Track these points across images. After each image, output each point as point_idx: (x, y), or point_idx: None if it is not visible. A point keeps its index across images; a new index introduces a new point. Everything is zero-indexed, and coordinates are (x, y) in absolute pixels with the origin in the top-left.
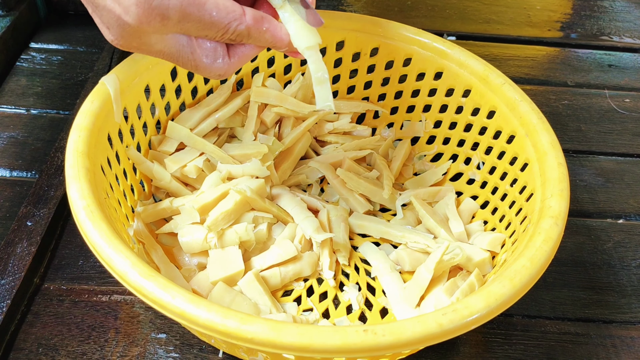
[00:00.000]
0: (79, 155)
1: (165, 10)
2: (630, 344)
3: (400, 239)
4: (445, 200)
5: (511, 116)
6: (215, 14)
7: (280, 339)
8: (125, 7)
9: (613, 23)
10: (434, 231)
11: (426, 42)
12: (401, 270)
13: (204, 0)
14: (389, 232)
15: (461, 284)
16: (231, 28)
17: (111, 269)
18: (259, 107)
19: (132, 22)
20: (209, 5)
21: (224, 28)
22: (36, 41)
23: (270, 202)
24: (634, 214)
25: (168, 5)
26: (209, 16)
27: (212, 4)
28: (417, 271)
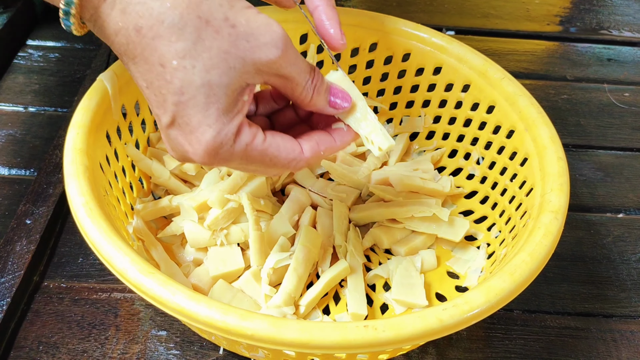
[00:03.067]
0: (77, 152)
1: (229, 156)
2: (630, 338)
3: (406, 213)
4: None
5: (510, 111)
6: (275, 156)
7: (281, 335)
8: (194, 149)
9: (612, 17)
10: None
11: (425, 37)
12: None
13: (267, 145)
14: (391, 212)
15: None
16: (291, 167)
17: (111, 267)
18: None
19: (197, 160)
20: (270, 150)
21: (284, 167)
22: (33, 38)
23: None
24: (634, 208)
25: (232, 153)
26: (270, 159)
27: (274, 148)
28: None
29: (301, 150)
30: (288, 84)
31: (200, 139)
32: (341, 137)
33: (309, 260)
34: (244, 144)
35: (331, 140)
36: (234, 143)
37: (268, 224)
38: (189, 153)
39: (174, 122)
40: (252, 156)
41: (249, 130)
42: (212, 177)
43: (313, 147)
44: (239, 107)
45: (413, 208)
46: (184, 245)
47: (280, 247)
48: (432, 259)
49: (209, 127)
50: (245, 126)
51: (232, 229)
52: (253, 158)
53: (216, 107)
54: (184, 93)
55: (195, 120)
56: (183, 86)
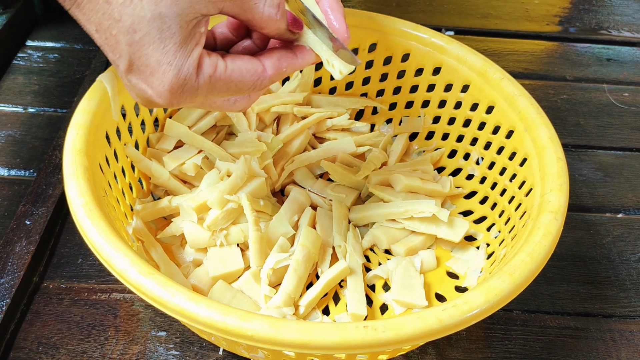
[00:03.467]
0: (76, 153)
1: (195, 90)
2: (630, 338)
3: (404, 214)
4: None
5: (510, 111)
6: (240, 80)
7: (281, 335)
8: (157, 92)
9: (611, 17)
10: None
11: (424, 37)
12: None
13: (230, 72)
14: (391, 212)
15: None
16: (256, 87)
17: (110, 267)
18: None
19: (162, 102)
20: (234, 75)
21: (250, 90)
22: (33, 39)
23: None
24: (633, 208)
25: (198, 87)
26: (235, 84)
27: (237, 73)
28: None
29: (264, 69)
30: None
31: (163, 79)
32: (302, 55)
33: (308, 260)
34: (207, 75)
35: (292, 55)
36: (197, 77)
37: (267, 224)
38: (154, 97)
39: (132, 65)
40: (217, 87)
41: (209, 61)
42: (211, 178)
43: (275, 63)
44: (197, 38)
45: (412, 209)
46: (183, 246)
47: (279, 248)
48: (431, 259)
49: (169, 64)
50: (205, 57)
51: (231, 230)
52: (218, 88)
53: (173, 41)
54: (137, 31)
55: (153, 60)
56: (134, 22)
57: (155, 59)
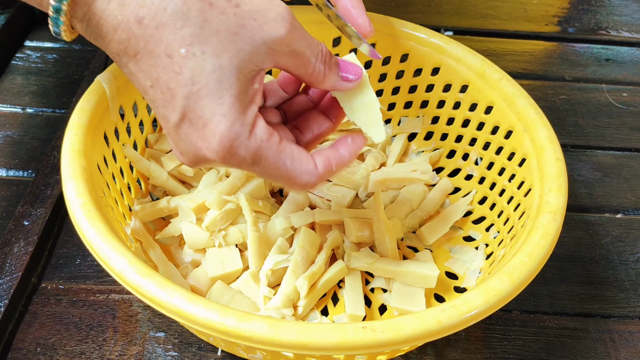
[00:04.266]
0: (75, 154)
1: (244, 151)
2: (629, 339)
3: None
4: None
5: (509, 111)
6: (289, 164)
7: (279, 336)
8: (208, 144)
9: (610, 17)
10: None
11: (423, 37)
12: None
13: (282, 148)
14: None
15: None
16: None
17: (108, 268)
18: None
19: (211, 157)
20: (285, 154)
21: (296, 178)
22: (31, 39)
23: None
24: (632, 209)
25: (248, 147)
26: (283, 164)
27: (289, 154)
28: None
29: (315, 165)
30: (300, 61)
31: (215, 131)
32: (348, 150)
33: (307, 261)
34: (259, 139)
35: (340, 155)
36: (250, 136)
37: (266, 225)
38: (202, 149)
39: (184, 117)
40: (265, 156)
41: (266, 126)
42: (210, 179)
43: (325, 162)
44: (251, 94)
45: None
46: (182, 247)
47: (278, 249)
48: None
49: (223, 116)
50: (261, 120)
51: (230, 230)
52: (266, 158)
53: (229, 93)
54: (195, 83)
55: (208, 111)
56: (194, 75)
57: (210, 110)
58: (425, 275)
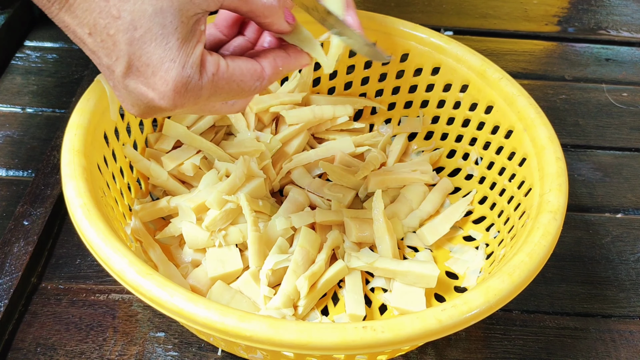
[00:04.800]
0: (75, 153)
1: (199, 90)
2: (629, 338)
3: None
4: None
5: (509, 111)
6: (241, 80)
7: (279, 336)
8: (161, 93)
9: (610, 17)
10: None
11: (423, 37)
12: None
13: (231, 72)
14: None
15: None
16: (257, 89)
17: (108, 268)
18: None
19: (165, 105)
20: (236, 74)
21: (250, 91)
22: (31, 39)
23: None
24: (632, 208)
25: (202, 86)
26: (237, 84)
27: (238, 72)
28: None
29: (262, 68)
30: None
31: (166, 78)
32: (296, 55)
33: (307, 261)
34: (210, 74)
35: (286, 55)
36: (201, 76)
37: (266, 224)
38: (155, 100)
39: (131, 67)
40: (219, 86)
41: (212, 59)
42: (210, 178)
43: (271, 62)
44: (198, 36)
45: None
46: (182, 247)
47: (278, 248)
48: (429, 259)
49: (173, 61)
50: (208, 56)
51: (230, 230)
52: (221, 88)
53: (175, 37)
54: (137, 27)
55: (156, 57)
56: (134, 19)
57: (158, 57)
58: (426, 275)
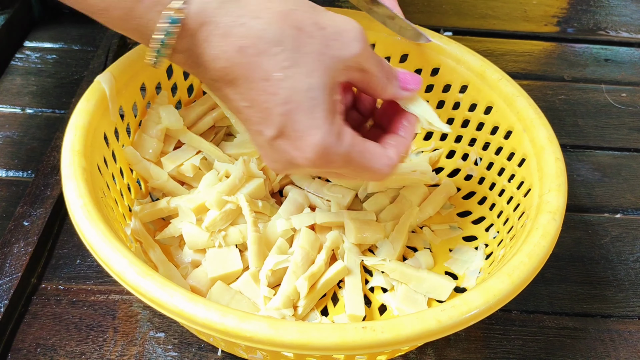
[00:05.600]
0: (75, 154)
1: (336, 157)
2: (628, 338)
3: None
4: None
5: (508, 111)
6: (371, 159)
7: (279, 336)
8: (304, 153)
9: (609, 17)
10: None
11: None
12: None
13: (364, 147)
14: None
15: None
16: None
17: (108, 268)
18: None
19: (304, 164)
20: (368, 152)
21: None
22: (31, 40)
23: (267, 202)
24: (631, 209)
25: (337, 152)
26: (367, 161)
27: (371, 150)
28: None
29: (389, 156)
30: (366, 77)
31: (310, 142)
32: (407, 132)
33: (307, 262)
34: (347, 144)
35: (402, 138)
36: (339, 142)
37: (266, 225)
38: (297, 158)
39: (281, 132)
40: (352, 157)
41: (350, 131)
42: (210, 179)
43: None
44: (336, 106)
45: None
46: (182, 247)
47: (278, 249)
48: (429, 259)
49: (318, 129)
50: (346, 126)
51: (230, 231)
52: (353, 159)
53: (320, 108)
54: (291, 101)
55: (303, 126)
56: (289, 95)
57: (305, 125)
58: (443, 285)
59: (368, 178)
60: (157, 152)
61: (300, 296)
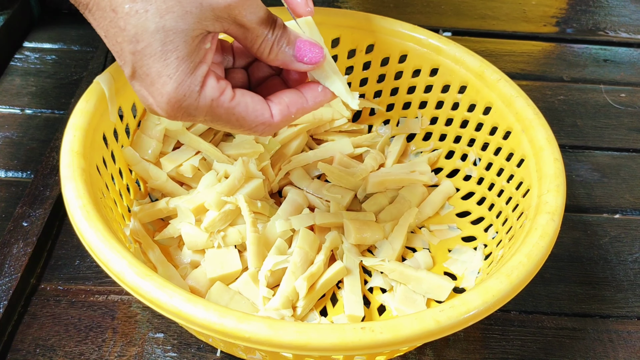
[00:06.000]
0: (74, 155)
1: (194, 110)
2: (627, 339)
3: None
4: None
5: (507, 112)
6: (242, 117)
7: (278, 337)
8: (157, 102)
9: (609, 18)
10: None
11: (422, 38)
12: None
13: (235, 104)
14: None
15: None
16: (258, 130)
17: (107, 269)
18: None
19: (162, 114)
20: (238, 109)
21: (250, 130)
22: (30, 40)
23: (266, 202)
24: (630, 209)
25: (197, 107)
26: (236, 119)
27: (242, 108)
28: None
29: (270, 115)
30: (246, 34)
31: (162, 91)
32: (314, 97)
33: (306, 262)
34: (209, 98)
35: (303, 100)
36: (199, 96)
37: (265, 226)
38: (153, 105)
39: (135, 73)
40: (217, 113)
41: (216, 85)
42: (209, 180)
43: (283, 110)
44: (201, 55)
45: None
46: (181, 248)
47: (277, 250)
48: (428, 260)
49: (170, 77)
50: (211, 79)
51: (229, 231)
52: (219, 116)
53: (175, 55)
54: (140, 41)
55: (154, 71)
56: (137, 33)
57: (156, 70)
58: (441, 285)
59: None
60: (156, 153)
61: (300, 297)
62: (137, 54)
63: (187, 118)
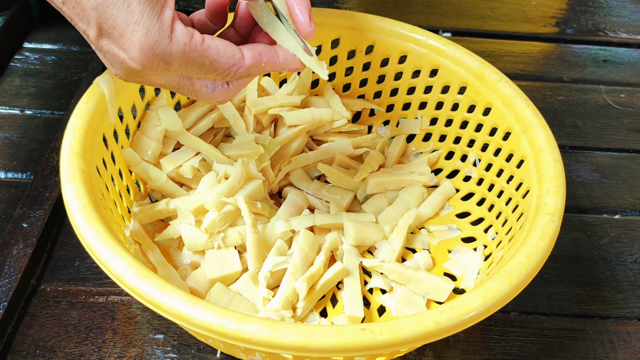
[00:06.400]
0: (74, 156)
1: (168, 56)
2: (627, 339)
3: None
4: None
5: (507, 113)
6: (215, 59)
7: (278, 338)
8: (129, 54)
9: (608, 18)
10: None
11: (421, 39)
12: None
13: (206, 47)
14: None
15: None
16: (232, 72)
17: (107, 270)
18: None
19: (135, 66)
20: (210, 52)
21: (224, 72)
22: (30, 41)
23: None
24: (630, 210)
25: (171, 52)
26: (210, 61)
27: (214, 50)
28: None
29: (242, 56)
30: None
31: (133, 39)
32: (285, 56)
33: (306, 263)
34: (181, 42)
35: (274, 54)
36: (171, 41)
37: (265, 226)
38: (127, 61)
39: (101, 29)
40: (191, 57)
41: (185, 30)
42: (209, 181)
43: (255, 55)
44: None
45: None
46: (181, 249)
47: (277, 251)
48: (427, 260)
49: (137, 24)
50: (179, 23)
51: (229, 232)
52: (193, 60)
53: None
54: None
55: (120, 20)
56: None
57: (122, 19)
58: (441, 286)
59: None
60: (156, 154)
61: (299, 297)
62: (100, 7)
63: (163, 66)
